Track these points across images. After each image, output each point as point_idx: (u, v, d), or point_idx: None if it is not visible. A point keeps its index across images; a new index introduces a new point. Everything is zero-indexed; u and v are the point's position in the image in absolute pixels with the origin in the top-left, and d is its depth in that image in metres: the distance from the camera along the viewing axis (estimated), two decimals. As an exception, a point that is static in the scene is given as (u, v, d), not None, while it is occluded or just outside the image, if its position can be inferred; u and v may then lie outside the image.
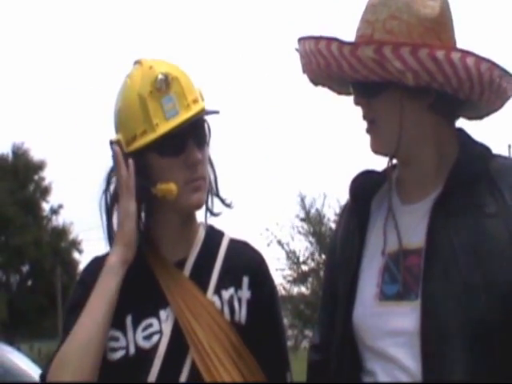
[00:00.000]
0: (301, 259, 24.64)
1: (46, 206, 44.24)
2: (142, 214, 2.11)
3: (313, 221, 24.39)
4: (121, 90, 2.10)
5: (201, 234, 2.15)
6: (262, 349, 2.10)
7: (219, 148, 2.16)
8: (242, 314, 2.09)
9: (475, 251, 1.83)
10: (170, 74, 2.04)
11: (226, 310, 2.08)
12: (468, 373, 1.80)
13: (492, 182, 1.88)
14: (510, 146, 20.86)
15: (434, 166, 1.93)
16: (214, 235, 2.17)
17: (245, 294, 2.10)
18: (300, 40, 1.95)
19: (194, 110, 2.05)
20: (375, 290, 1.93)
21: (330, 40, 1.87)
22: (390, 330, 1.88)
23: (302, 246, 24.88)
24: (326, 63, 1.89)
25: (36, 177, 44.00)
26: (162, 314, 2.05)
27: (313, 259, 24.47)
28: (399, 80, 1.84)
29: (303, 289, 24.77)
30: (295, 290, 24.76)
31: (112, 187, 2.10)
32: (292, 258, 24.56)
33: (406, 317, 1.86)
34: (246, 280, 2.11)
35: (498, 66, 1.88)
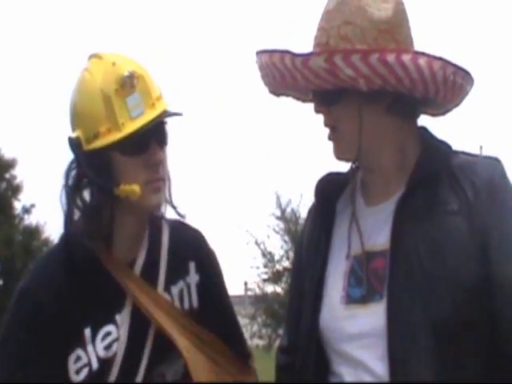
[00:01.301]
0: (276, 258, 24.72)
1: (17, 205, 43.95)
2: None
3: (288, 220, 24.47)
4: (79, 84, 2.04)
5: (147, 229, 2.13)
6: (219, 325, 2.13)
7: (201, 146, 2.11)
8: (193, 300, 2.12)
9: (439, 250, 1.83)
10: (136, 72, 2.01)
11: (178, 304, 2.10)
12: (435, 373, 1.79)
13: (454, 179, 1.89)
14: (481, 148, 21.04)
15: (397, 168, 1.93)
16: (154, 225, 2.13)
17: (193, 278, 2.13)
18: (257, 53, 1.96)
19: (158, 108, 2.02)
20: (341, 294, 1.92)
21: (283, 53, 1.88)
22: (355, 332, 1.87)
23: (278, 245, 24.96)
24: (281, 76, 1.90)
25: (7, 175, 43.73)
26: (118, 318, 2.04)
27: (287, 258, 24.53)
28: (353, 86, 1.85)
29: (278, 289, 24.83)
30: (270, 289, 24.84)
31: (70, 181, 2.05)
32: (267, 256, 24.62)
33: (371, 318, 1.86)
34: (192, 265, 2.14)
35: (450, 64, 1.88)
